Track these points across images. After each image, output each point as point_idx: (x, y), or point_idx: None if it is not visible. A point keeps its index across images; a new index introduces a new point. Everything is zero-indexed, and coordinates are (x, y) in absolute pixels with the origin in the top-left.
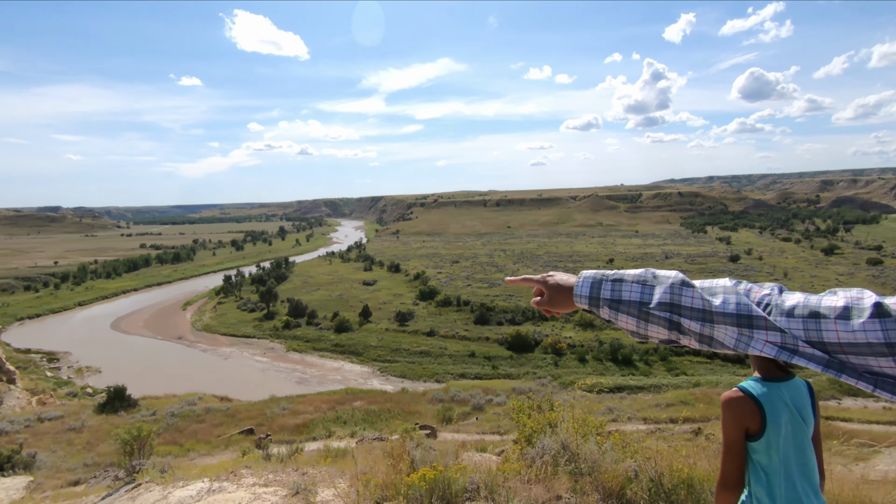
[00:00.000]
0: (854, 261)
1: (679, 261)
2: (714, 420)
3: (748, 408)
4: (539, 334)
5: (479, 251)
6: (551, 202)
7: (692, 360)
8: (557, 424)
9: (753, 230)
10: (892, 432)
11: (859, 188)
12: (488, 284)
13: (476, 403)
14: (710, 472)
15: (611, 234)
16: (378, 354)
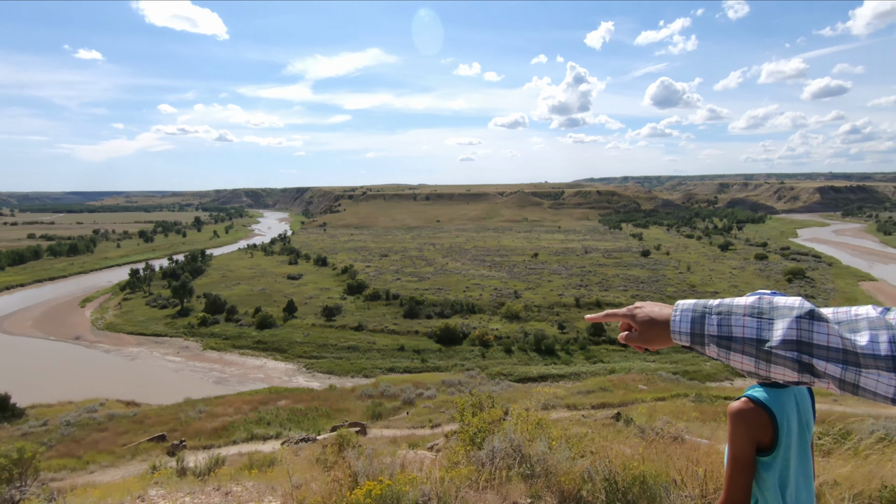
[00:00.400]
0: (744, 256)
1: (597, 255)
2: (631, 405)
3: (761, 420)
4: (467, 327)
5: (408, 245)
6: (479, 197)
7: (608, 348)
8: (501, 421)
9: (662, 227)
10: None
11: (749, 191)
12: (417, 278)
13: (406, 398)
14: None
15: (535, 229)
16: (304, 351)
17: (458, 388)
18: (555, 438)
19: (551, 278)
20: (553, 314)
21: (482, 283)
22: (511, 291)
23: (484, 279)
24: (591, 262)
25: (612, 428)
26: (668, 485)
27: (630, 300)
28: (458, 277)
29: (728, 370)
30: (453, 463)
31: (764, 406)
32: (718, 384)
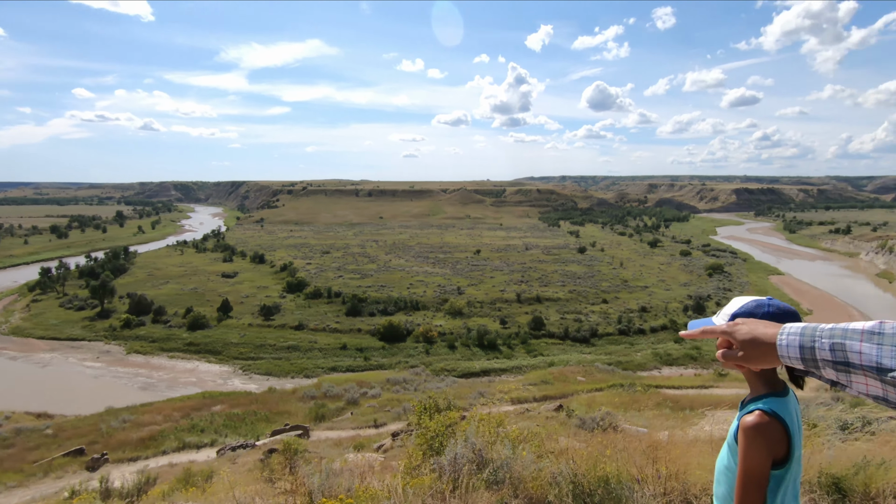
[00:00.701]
0: (671, 252)
1: (537, 252)
2: (571, 396)
3: (777, 433)
4: (411, 324)
5: (350, 241)
6: (423, 194)
7: (548, 341)
8: (457, 423)
9: (597, 225)
10: (703, 395)
11: (675, 191)
12: (360, 275)
13: (350, 397)
14: (620, 465)
15: (478, 226)
16: (240, 352)
17: (403, 385)
18: (517, 441)
19: (493, 274)
20: (495, 310)
21: (426, 280)
22: (454, 288)
23: (427, 276)
24: (531, 259)
25: (556, 420)
26: (631, 484)
27: (569, 295)
28: (402, 274)
29: (657, 359)
30: (411, 468)
31: (779, 418)
32: (649, 373)
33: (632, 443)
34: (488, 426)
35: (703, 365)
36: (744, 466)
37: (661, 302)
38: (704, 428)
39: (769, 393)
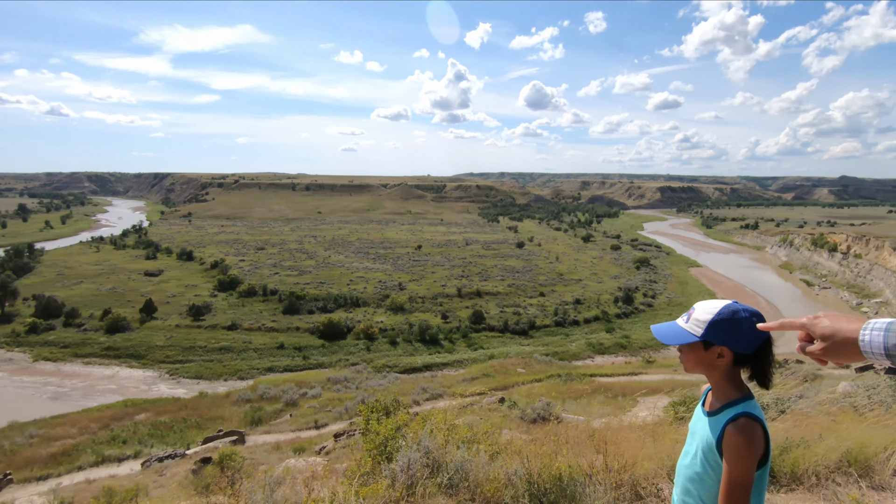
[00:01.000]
0: (602, 247)
1: (477, 247)
2: (512, 388)
3: (761, 435)
4: (351, 321)
5: (287, 237)
6: (363, 189)
7: (488, 335)
8: (407, 425)
9: (535, 221)
10: (634, 381)
11: (606, 189)
12: (298, 272)
13: (289, 399)
14: (571, 460)
15: (419, 221)
16: (166, 355)
17: (345, 384)
18: (470, 441)
19: (434, 269)
20: (437, 304)
21: (366, 276)
22: (395, 283)
23: (368, 272)
24: (471, 254)
25: (499, 412)
26: (583, 479)
27: (508, 289)
28: (342, 270)
29: (591, 349)
30: (360, 475)
31: (760, 421)
32: (583, 362)
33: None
34: (440, 428)
35: (632, 353)
36: (736, 473)
37: (594, 294)
38: (638, 414)
39: (744, 397)
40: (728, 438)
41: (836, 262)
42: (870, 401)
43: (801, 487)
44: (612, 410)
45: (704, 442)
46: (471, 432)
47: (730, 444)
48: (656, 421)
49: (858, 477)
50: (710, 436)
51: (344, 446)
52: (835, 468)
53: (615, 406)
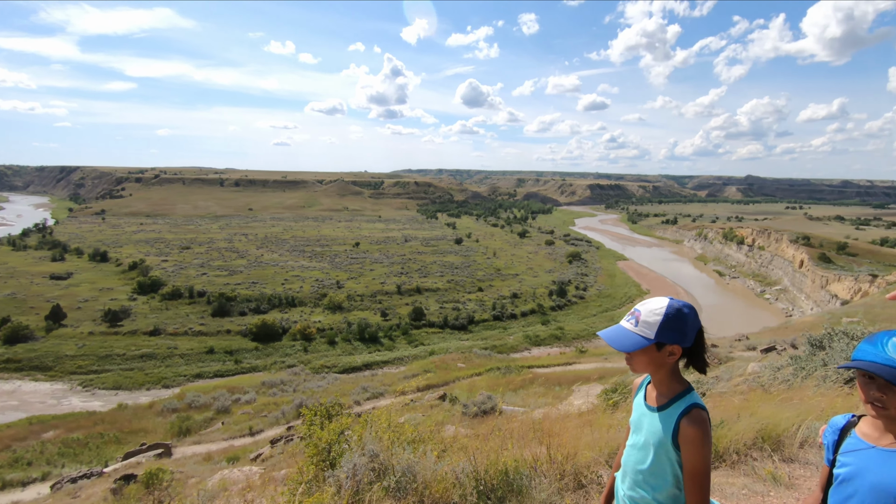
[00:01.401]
0: (537, 242)
1: (416, 244)
2: (453, 383)
3: (710, 422)
4: (287, 321)
5: (215, 235)
6: (297, 185)
7: (428, 331)
8: (351, 428)
9: (472, 217)
10: (568, 371)
11: (540, 186)
12: (228, 272)
13: (220, 406)
14: (517, 454)
15: (356, 218)
16: (78, 366)
17: (281, 387)
18: (417, 441)
19: (373, 267)
20: (376, 302)
21: (302, 275)
22: (333, 282)
23: (304, 270)
24: (410, 251)
25: (441, 408)
26: (528, 472)
27: (447, 285)
28: (276, 269)
29: (528, 341)
30: (303, 482)
31: (706, 409)
32: (521, 354)
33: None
34: (385, 429)
35: (566, 343)
36: (696, 465)
37: (530, 288)
38: (574, 402)
39: (688, 389)
40: (684, 431)
41: (743, 254)
42: (775, 380)
43: (724, 465)
44: (550, 400)
45: (656, 437)
46: (416, 432)
47: (687, 436)
48: (591, 409)
49: (771, 451)
50: (662, 431)
51: (281, 452)
52: (751, 445)
53: (552, 396)
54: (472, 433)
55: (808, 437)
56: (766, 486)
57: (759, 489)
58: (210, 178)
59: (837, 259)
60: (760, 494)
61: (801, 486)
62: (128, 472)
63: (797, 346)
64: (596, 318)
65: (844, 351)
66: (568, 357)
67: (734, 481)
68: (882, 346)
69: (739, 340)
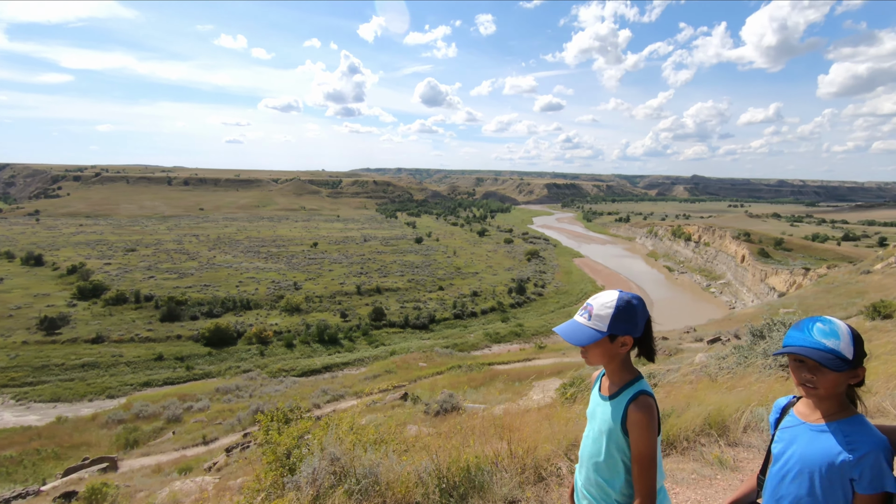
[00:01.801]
0: (496, 240)
1: (376, 243)
2: (415, 382)
3: (656, 409)
4: (242, 325)
5: (163, 237)
6: (251, 184)
7: (389, 331)
8: (311, 431)
9: (432, 216)
10: (528, 367)
11: (499, 185)
12: (178, 275)
13: (171, 415)
14: (478, 451)
15: (314, 218)
16: (10, 378)
17: (236, 393)
18: (378, 442)
19: (332, 267)
20: (335, 303)
21: (258, 277)
22: (290, 283)
23: (260, 272)
24: (370, 250)
25: (403, 408)
26: (490, 468)
27: (407, 284)
28: (230, 271)
29: (488, 338)
30: (261, 490)
31: (653, 395)
32: (482, 352)
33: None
34: (346, 431)
35: (525, 340)
36: (644, 447)
37: (490, 286)
38: (533, 397)
39: (637, 377)
40: (632, 417)
41: (690, 250)
42: (721, 369)
43: (675, 451)
44: (511, 396)
45: (607, 425)
46: (378, 433)
47: (634, 422)
48: (550, 403)
49: (718, 437)
50: (612, 419)
51: (237, 460)
52: (700, 431)
53: (513, 392)
54: (434, 432)
55: (751, 422)
56: (714, 470)
57: (708, 473)
58: (157, 177)
59: (775, 254)
60: (708, 478)
61: (744, 468)
62: (68, 489)
63: (740, 337)
64: (554, 314)
65: (782, 340)
66: (527, 353)
67: (684, 466)
68: (808, 331)
69: (688, 332)
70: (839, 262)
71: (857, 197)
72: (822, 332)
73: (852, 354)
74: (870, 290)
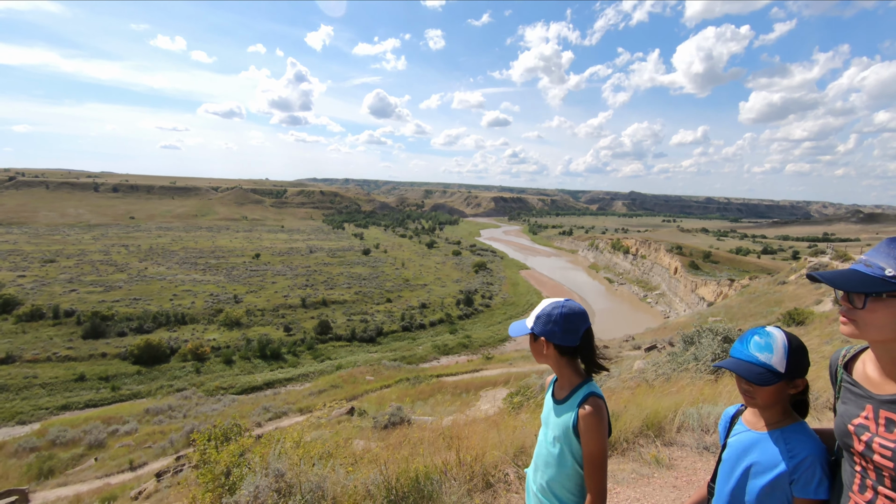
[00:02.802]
0: (445, 252)
1: (322, 255)
2: (362, 396)
3: (606, 410)
4: (176, 341)
5: (88, 247)
6: (189, 192)
7: (335, 345)
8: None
9: (380, 227)
10: (476, 377)
11: (447, 198)
12: (104, 288)
13: (93, 440)
14: (427, 461)
15: (257, 228)
16: None
17: (169, 414)
18: (325, 457)
19: (276, 279)
20: (278, 317)
21: (194, 290)
22: (230, 296)
23: (197, 284)
24: (316, 262)
25: (349, 423)
26: (438, 477)
27: (355, 297)
28: (163, 284)
29: (436, 350)
30: None
31: (603, 398)
32: (430, 364)
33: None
34: (291, 447)
35: (473, 351)
36: (596, 449)
37: (438, 298)
38: (481, 407)
39: (586, 380)
40: (582, 419)
41: (628, 263)
42: (657, 375)
43: (616, 453)
44: (459, 407)
45: (560, 429)
46: (325, 447)
47: (584, 423)
48: (497, 412)
49: (654, 437)
50: (564, 422)
51: (169, 485)
52: (638, 433)
53: (461, 403)
54: (383, 445)
55: (684, 422)
56: (651, 469)
57: (645, 472)
58: (82, 183)
59: (704, 266)
60: (646, 476)
61: (678, 466)
62: None
63: (674, 344)
64: (501, 325)
65: (710, 346)
66: (475, 364)
67: (624, 467)
68: (746, 343)
69: (627, 341)
70: (760, 274)
71: (774, 214)
72: (757, 345)
73: (785, 368)
74: (786, 299)
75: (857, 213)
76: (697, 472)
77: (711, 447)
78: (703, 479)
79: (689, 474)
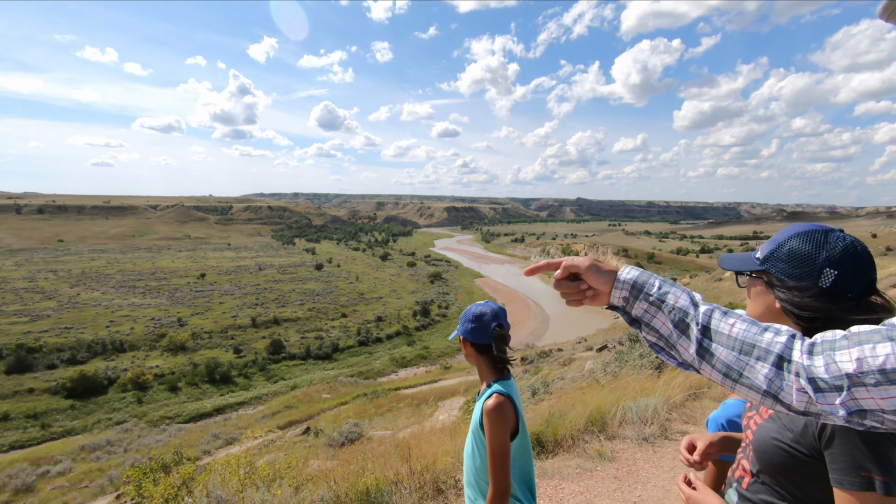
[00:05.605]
0: (399, 264)
1: (272, 272)
2: (318, 415)
3: (511, 410)
4: (114, 370)
5: (10, 274)
6: (125, 211)
7: (289, 364)
8: (194, 479)
9: (333, 241)
10: (434, 388)
11: (400, 209)
12: (30, 317)
13: (20, 484)
14: (378, 473)
15: (201, 247)
16: None
17: (107, 449)
18: (271, 479)
19: (223, 300)
20: (227, 338)
21: (133, 314)
22: (174, 320)
23: (136, 309)
24: (266, 279)
25: (305, 443)
26: (389, 488)
27: (308, 313)
28: (98, 310)
29: (394, 363)
30: None
31: (509, 397)
32: (388, 378)
33: (381, 447)
34: (234, 472)
35: (431, 362)
36: (493, 444)
37: (394, 310)
38: (439, 418)
39: (498, 378)
40: (485, 414)
41: None
42: (605, 373)
43: (562, 450)
44: (417, 419)
45: (472, 425)
46: (272, 469)
47: (485, 419)
48: (454, 421)
49: (598, 432)
50: (474, 418)
51: None
52: (584, 429)
53: (419, 415)
54: (336, 463)
55: (625, 416)
56: (595, 463)
57: (589, 466)
58: (2, 204)
59: (649, 267)
60: (589, 470)
61: (620, 458)
62: None
63: (623, 343)
64: None
65: None
66: (433, 375)
67: (570, 463)
68: None
69: (580, 343)
70: (699, 272)
71: (710, 215)
72: None
73: None
74: (723, 295)
75: (781, 212)
76: (637, 463)
77: (650, 438)
78: (643, 468)
79: (630, 465)
